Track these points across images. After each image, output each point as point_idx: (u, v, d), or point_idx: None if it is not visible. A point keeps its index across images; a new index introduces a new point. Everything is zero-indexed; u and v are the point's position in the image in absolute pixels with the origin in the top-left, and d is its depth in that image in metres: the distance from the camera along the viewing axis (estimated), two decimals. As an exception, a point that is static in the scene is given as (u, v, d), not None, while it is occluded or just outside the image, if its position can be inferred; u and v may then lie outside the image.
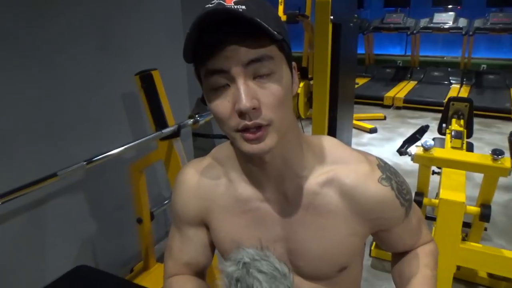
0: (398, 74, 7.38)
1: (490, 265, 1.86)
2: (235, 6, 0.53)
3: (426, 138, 1.93)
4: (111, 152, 1.58)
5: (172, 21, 2.45)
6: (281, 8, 6.01)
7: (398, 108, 6.17)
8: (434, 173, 2.58)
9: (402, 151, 1.94)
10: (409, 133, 2.21)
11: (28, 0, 1.63)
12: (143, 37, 2.26)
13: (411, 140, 2.00)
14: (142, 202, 2.10)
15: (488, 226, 2.42)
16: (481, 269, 2.14)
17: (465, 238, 2.24)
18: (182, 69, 2.60)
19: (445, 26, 6.40)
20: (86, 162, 1.47)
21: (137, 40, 2.22)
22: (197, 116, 1.91)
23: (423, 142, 1.86)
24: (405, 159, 3.50)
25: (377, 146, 4.58)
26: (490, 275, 2.15)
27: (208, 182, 0.76)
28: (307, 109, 3.56)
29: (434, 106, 5.74)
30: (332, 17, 2.57)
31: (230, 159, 0.74)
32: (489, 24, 6.10)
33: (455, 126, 2.33)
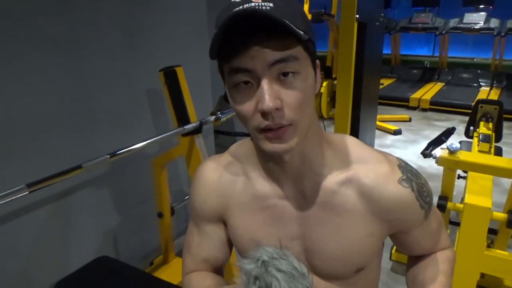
0: (425, 75, 7.22)
1: (516, 274, 1.79)
2: (263, 4, 0.53)
3: (452, 141, 1.88)
4: (134, 146, 1.61)
5: (197, 18, 2.48)
6: (306, 7, 5.98)
7: (424, 110, 6.03)
8: (459, 177, 2.51)
9: (426, 154, 1.90)
10: (434, 135, 2.16)
11: (58, -4, 1.68)
12: (168, 33, 2.29)
13: (436, 142, 1.95)
14: (163, 197, 2.13)
15: (515, 234, 2.34)
16: (506, 277, 2.07)
17: (490, 245, 2.18)
18: (206, 66, 2.62)
19: (475, 27, 6.21)
20: (109, 156, 1.50)
21: (162, 36, 2.25)
22: (219, 113, 1.92)
23: (449, 144, 1.81)
24: (429, 162, 3.42)
25: (400, 148, 4.49)
26: (516, 284, 2.08)
27: (226, 178, 0.76)
28: (330, 108, 3.53)
29: (462, 109, 5.58)
30: (357, 16, 2.53)
31: (249, 156, 0.75)
32: (522, 25, 5.88)
33: (483, 129, 2.26)
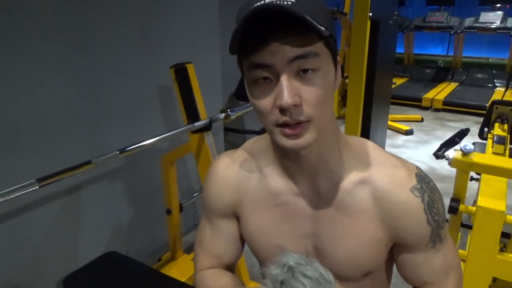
0: (439, 75, 7.12)
1: (530, 279, 1.75)
2: None
3: (465, 142, 1.85)
4: (143, 143, 1.61)
5: (208, 15, 2.47)
6: (318, 4, 5.93)
7: (437, 110, 5.95)
8: (472, 179, 2.47)
9: (439, 155, 1.87)
10: (447, 136, 2.12)
11: (71, -8, 1.69)
12: (180, 30, 2.29)
13: (449, 143, 1.91)
14: (172, 194, 2.13)
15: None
16: (519, 282, 2.03)
17: (503, 249, 2.13)
18: (217, 63, 2.62)
19: (492, 26, 6.09)
20: (119, 152, 1.50)
21: (174, 33, 2.25)
22: (229, 110, 1.92)
23: (462, 146, 1.78)
24: (441, 164, 3.37)
25: (412, 149, 4.43)
26: (529, 290, 2.03)
27: (240, 174, 0.76)
28: (341, 107, 3.50)
29: (476, 110, 5.49)
30: (370, 14, 2.50)
31: (264, 152, 0.74)
32: (540, 24, 5.76)
33: (498, 130, 2.21)
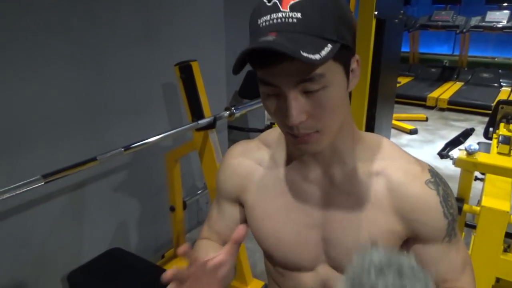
0: (444, 74, 7.08)
1: (534, 280, 1.75)
2: (290, 14, 0.52)
3: (470, 142, 1.84)
4: (148, 140, 1.62)
5: (214, 13, 2.47)
6: (324, 3, 5.92)
7: (442, 109, 5.93)
8: (476, 179, 2.46)
9: (443, 154, 1.86)
10: (451, 136, 2.11)
11: (77, -11, 1.70)
12: (185, 28, 2.30)
13: (454, 143, 1.91)
14: (176, 191, 2.14)
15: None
16: (523, 283, 2.02)
17: (507, 250, 2.12)
18: (222, 61, 2.62)
19: (498, 25, 6.05)
20: (123, 149, 1.51)
21: (179, 31, 2.26)
22: (233, 108, 1.92)
23: (467, 145, 1.77)
24: (446, 163, 3.35)
25: (416, 148, 4.42)
26: (533, 291, 2.03)
27: (251, 162, 0.78)
28: (345, 106, 3.48)
29: (481, 109, 5.47)
30: (376, 12, 2.49)
31: (279, 142, 0.76)
32: (547, 24, 5.72)
33: (503, 130, 2.20)
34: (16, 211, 1.61)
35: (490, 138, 2.33)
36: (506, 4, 6.25)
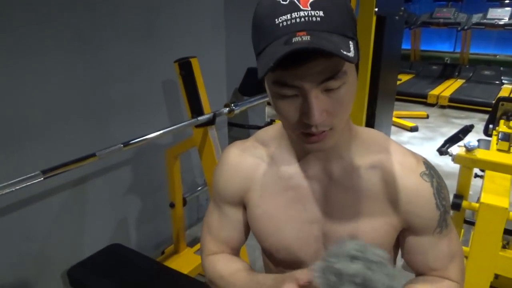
0: (445, 71, 7.07)
1: (532, 276, 1.75)
2: (312, 13, 0.51)
3: (470, 139, 1.84)
4: (147, 136, 1.62)
5: (214, 10, 2.47)
6: (325, 0, 5.91)
7: (443, 107, 5.92)
8: (476, 176, 2.46)
9: (442, 151, 1.86)
10: (452, 133, 2.11)
11: (77, -14, 1.70)
12: (185, 25, 2.30)
13: (453, 139, 1.91)
14: (176, 187, 2.15)
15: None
16: (522, 279, 2.02)
17: (506, 246, 2.13)
18: (222, 58, 2.62)
19: (500, 23, 6.03)
20: (123, 145, 1.51)
21: (179, 28, 2.26)
22: (232, 105, 1.92)
23: (466, 142, 1.77)
24: (446, 160, 3.35)
25: (416, 145, 4.42)
26: (532, 287, 2.03)
27: (250, 161, 0.77)
28: (346, 103, 3.48)
29: (482, 107, 5.45)
30: (376, 9, 2.49)
31: (275, 139, 0.76)
32: (549, 21, 5.69)
33: (503, 127, 2.20)
34: (16, 207, 1.62)
35: (490, 135, 2.33)
36: (507, 1, 6.22)
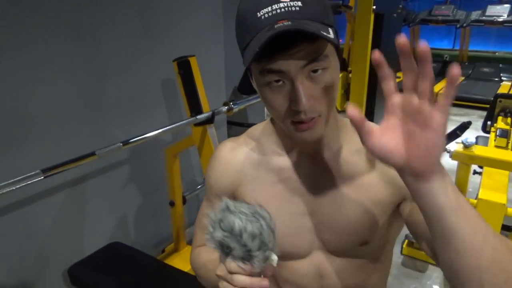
0: (444, 69, 7.05)
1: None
2: (291, 4, 0.54)
3: (468, 136, 1.85)
4: (146, 135, 1.63)
5: (212, 9, 2.47)
6: (323, -2, 5.90)
7: (442, 104, 5.92)
8: (475, 172, 2.47)
9: (440, 148, 1.86)
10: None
11: (75, -14, 1.71)
12: (184, 24, 2.30)
13: (451, 136, 1.91)
14: (175, 186, 2.16)
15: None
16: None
17: (504, 242, 2.14)
18: (220, 56, 2.63)
19: (499, 19, 6.03)
20: (122, 143, 1.52)
21: (177, 26, 2.26)
22: (231, 103, 1.93)
23: (464, 139, 1.78)
24: (445, 157, 3.37)
25: (416, 143, 4.42)
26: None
27: (241, 156, 0.79)
28: (344, 101, 3.50)
29: (481, 104, 5.46)
30: (374, 7, 2.49)
31: (266, 135, 0.78)
32: (548, 17, 5.69)
33: (501, 124, 2.21)
34: (17, 206, 1.63)
35: (489, 132, 2.34)
36: (506, -2, 6.23)
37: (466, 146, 1.77)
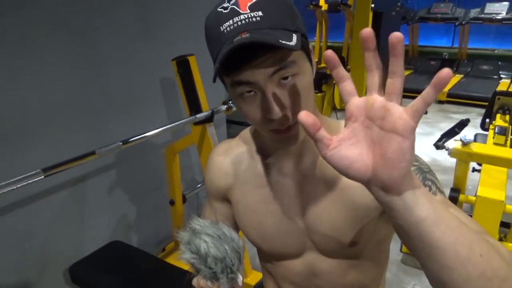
0: (443, 66, 6.78)
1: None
2: (251, 15, 0.54)
3: (467, 133, 1.86)
4: (146, 134, 1.64)
5: (211, 7, 2.47)
6: (322, -4, 5.91)
7: (441, 102, 5.93)
8: (474, 170, 2.48)
9: (439, 145, 1.88)
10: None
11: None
12: (183, 22, 2.30)
13: (450, 134, 1.92)
14: (175, 185, 2.16)
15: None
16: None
17: (503, 239, 2.15)
18: (219, 56, 2.62)
19: (497, 17, 6.03)
20: (122, 143, 1.53)
21: (176, 25, 2.27)
22: (230, 102, 1.93)
23: (462, 136, 1.79)
24: (444, 155, 3.37)
25: (415, 141, 4.43)
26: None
27: (232, 159, 0.80)
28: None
29: (480, 101, 5.46)
30: (373, 5, 2.50)
31: (255, 137, 0.79)
32: (547, 15, 5.70)
33: (500, 121, 2.22)
34: (18, 205, 1.64)
35: (487, 129, 2.35)
36: (505, -5, 6.23)
37: (465, 144, 1.78)
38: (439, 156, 3.65)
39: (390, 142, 0.41)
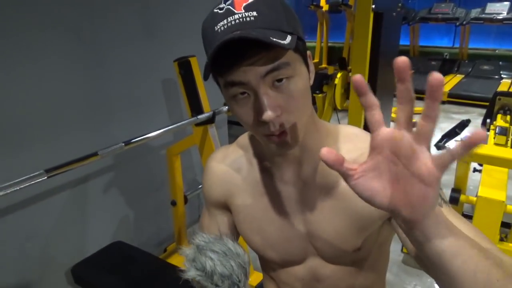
0: (444, 67, 7.06)
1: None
2: (246, 14, 0.54)
3: (467, 133, 1.86)
4: (148, 135, 1.65)
5: (212, 8, 2.48)
6: (323, -3, 5.92)
7: (442, 102, 5.92)
8: (475, 170, 2.48)
9: (440, 146, 1.88)
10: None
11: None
12: (184, 24, 2.31)
13: (450, 134, 1.93)
14: (177, 185, 2.17)
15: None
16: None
17: (503, 239, 2.15)
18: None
19: (498, 17, 6.02)
20: (124, 143, 1.54)
21: (178, 26, 2.27)
22: (232, 103, 1.94)
23: (463, 137, 1.79)
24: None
25: (416, 141, 4.42)
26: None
27: (231, 167, 0.79)
28: (344, 100, 3.51)
29: (481, 102, 5.45)
30: (373, 6, 2.50)
31: (252, 143, 0.78)
32: (548, 15, 5.69)
33: (500, 122, 2.22)
34: (21, 206, 1.65)
35: (488, 130, 2.35)
36: (506, -5, 6.22)
37: (465, 144, 1.78)
38: (440, 156, 3.65)
39: (414, 186, 0.41)
